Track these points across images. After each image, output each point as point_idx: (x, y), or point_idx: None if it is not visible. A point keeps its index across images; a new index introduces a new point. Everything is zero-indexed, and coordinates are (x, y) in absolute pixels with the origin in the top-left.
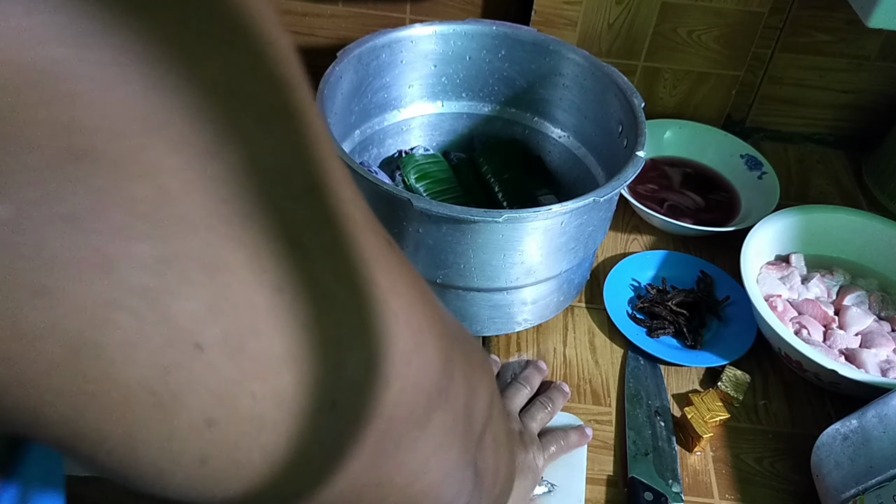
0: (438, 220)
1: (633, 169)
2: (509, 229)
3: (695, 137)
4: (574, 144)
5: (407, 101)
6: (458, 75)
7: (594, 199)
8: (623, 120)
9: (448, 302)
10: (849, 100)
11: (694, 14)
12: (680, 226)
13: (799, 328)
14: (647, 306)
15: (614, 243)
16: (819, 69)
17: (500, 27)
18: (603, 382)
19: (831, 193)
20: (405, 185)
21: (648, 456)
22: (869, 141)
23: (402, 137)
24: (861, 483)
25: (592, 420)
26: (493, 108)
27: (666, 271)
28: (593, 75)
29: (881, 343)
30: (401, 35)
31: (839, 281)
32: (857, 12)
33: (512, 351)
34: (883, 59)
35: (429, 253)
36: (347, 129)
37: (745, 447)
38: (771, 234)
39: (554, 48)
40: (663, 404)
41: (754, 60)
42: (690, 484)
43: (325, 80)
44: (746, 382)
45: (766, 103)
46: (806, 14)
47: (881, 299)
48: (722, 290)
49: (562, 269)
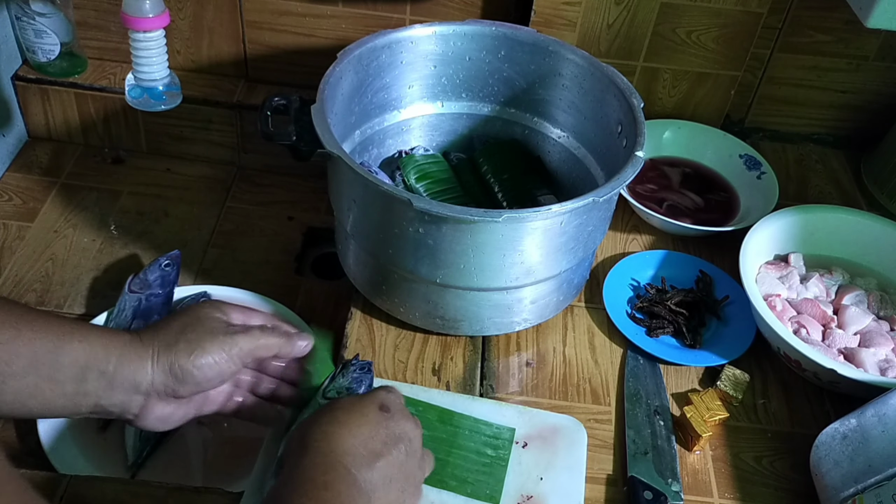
0: (438, 220)
1: (633, 169)
2: (509, 229)
3: (694, 137)
4: (573, 145)
5: (407, 102)
6: (457, 76)
7: (593, 199)
8: (622, 120)
9: (448, 302)
10: (847, 100)
11: (693, 14)
12: (679, 226)
13: (798, 327)
14: (646, 306)
15: (614, 243)
16: (818, 69)
17: (500, 28)
18: (602, 382)
19: (830, 193)
20: (405, 185)
21: (648, 455)
22: (868, 141)
23: (402, 138)
24: (860, 482)
25: (592, 419)
26: (492, 109)
27: (665, 271)
28: (593, 76)
29: (880, 342)
30: (401, 36)
31: (838, 280)
32: (856, 13)
33: (512, 350)
34: (882, 59)
35: (429, 253)
36: (347, 130)
37: (745, 446)
38: (770, 234)
39: (553, 49)
40: (663, 403)
41: (753, 60)
42: (690, 483)
43: (326, 81)
44: (745, 382)
45: (764, 103)
46: (805, 14)
47: (880, 299)
48: (721, 290)
49: (561, 268)
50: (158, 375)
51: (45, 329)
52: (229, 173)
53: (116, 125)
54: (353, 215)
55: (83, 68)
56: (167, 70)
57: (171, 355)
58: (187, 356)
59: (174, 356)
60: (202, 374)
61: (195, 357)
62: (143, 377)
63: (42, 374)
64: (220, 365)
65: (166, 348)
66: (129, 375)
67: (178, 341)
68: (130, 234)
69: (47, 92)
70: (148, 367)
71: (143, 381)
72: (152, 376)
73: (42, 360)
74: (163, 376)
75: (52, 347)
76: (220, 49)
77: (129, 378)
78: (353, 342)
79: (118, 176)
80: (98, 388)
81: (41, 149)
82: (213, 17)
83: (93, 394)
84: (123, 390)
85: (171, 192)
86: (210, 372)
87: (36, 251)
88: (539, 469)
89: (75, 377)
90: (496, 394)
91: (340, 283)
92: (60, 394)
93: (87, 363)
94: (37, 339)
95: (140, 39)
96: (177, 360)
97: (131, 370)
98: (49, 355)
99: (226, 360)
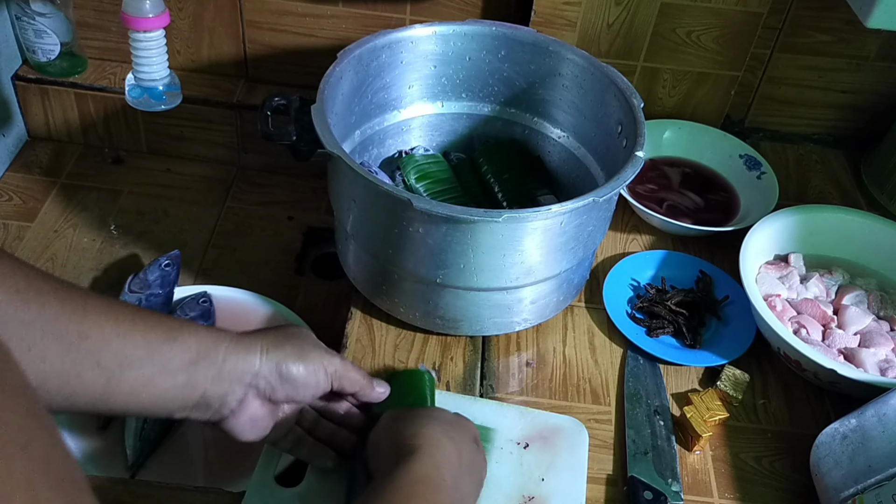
0: (438, 220)
1: (633, 169)
2: (509, 229)
3: (694, 137)
4: (573, 145)
5: (407, 102)
6: (457, 76)
7: (593, 199)
8: (622, 120)
9: (448, 302)
10: (847, 100)
11: (693, 14)
12: (679, 226)
13: (798, 328)
14: (646, 306)
15: (614, 243)
16: (818, 69)
17: (500, 28)
18: (602, 382)
19: (830, 193)
20: (405, 185)
21: (648, 455)
22: (868, 141)
23: (402, 138)
24: (860, 482)
25: (592, 419)
26: (492, 109)
27: (665, 271)
28: (593, 76)
29: (880, 342)
30: (401, 36)
31: (838, 280)
32: (856, 13)
33: (512, 350)
34: (882, 59)
35: (429, 253)
36: (347, 130)
37: (745, 446)
38: (770, 234)
39: (553, 49)
40: (663, 403)
41: (753, 61)
42: (690, 483)
43: (326, 81)
44: (745, 382)
45: (764, 103)
46: (805, 14)
47: (880, 299)
48: (721, 290)
49: (561, 268)
50: (265, 368)
51: (158, 323)
52: (229, 173)
53: (116, 125)
54: (353, 215)
55: (83, 68)
56: (167, 70)
57: (280, 354)
58: (294, 358)
59: (283, 355)
60: (303, 380)
61: (301, 361)
62: (251, 367)
63: (157, 364)
64: (318, 376)
65: (275, 347)
66: (238, 365)
67: (285, 344)
68: (130, 234)
69: (47, 92)
70: (256, 359)
71: (250, 372)
72: (259, 368)
73: (157, 351)
74: (268, 371)
75: (167, 339)
76: (220, 49)
77: (238, 367)
78: (353, 342)
79: (118, 176)
80: (207, 377)
81: (41, 149)
82: (213, 17)
83: (202, 384)
84: (230, 380)
85: (171, 192)
86: (311, 379)
87: (36, 251)
88: (541, 470)
89: (187, 367)
90: (496, 394)
91: (340, 283)
92: (172, 385)
93: (198, 353)
94: (151, 332)
95: (140, 39)
96: (285, 360)
97: (240, 359)
98: (164, 346)
99: (324, 375)
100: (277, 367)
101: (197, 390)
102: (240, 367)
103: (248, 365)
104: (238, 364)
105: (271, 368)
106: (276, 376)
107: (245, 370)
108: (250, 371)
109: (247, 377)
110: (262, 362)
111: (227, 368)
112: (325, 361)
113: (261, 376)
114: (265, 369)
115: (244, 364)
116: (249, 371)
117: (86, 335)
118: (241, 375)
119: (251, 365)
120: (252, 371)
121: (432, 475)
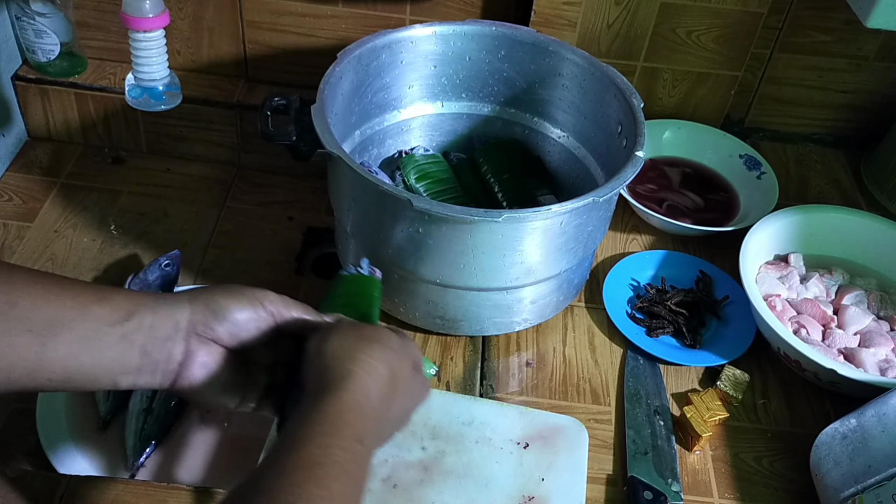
0: (438, 220)
1: (633, 169)
2: (509, 229)
3: (694, 137)
4: (573, 145)
5: (407, 102)
6: (457, 76)
7: (593, 199)
8: (622, 120)
9: (448, 302)
10: (847, 100)
11: (693, 14)
12: (679, 226)
13: (798, 328)
14: (646, 306)
15: (614, 243)
16: (818, 69)
17: (500, 28)
18: (602, 382)
19: (830, 193)
20: (405, 185)
21: (648, 455)
22: (868, 141)
23: (402, 138)
24: (860, 482)
25: (592, 419)
26: (492, 109)
27: (665, 271)
28: (592, 76)
29: (880, 342)
30: (401, 36)
31: (838, 280)
32: (856, 13)
33: (512, 350)
34: (882, 59)
35: (429, 253)
36: (347, 130)
37: (745, 446)
38: (770, 234)
39: (553, 49)
40: (662, 403)
41: (753, 61)
42: (690, 483)
43: (326, 81)
44: (745, 382)
45: (764, 103)
46: (805, 14)
47: (880, 299)
48: (721, 290)
49: (561, 268)
50: (197, 308)
51: (87, 287)
52: (229, 173)
53: (116, 125)
54: (353, 215)
55: (83, 68)
56: (167, 70)
57: (208, 293)
58: (223, 294)
59: (210, 294)
60: (238, 313)
61: (231, 295)
62: (182, 312)
63: (89, 322)
64: (255, 307)
65: (203, 292)
66: (169, 311)
67: (213, 288)
68: (130, 234)
69: (47, 92)
70: (185, 304)
71: (183, 317)
72: (191, 311)
73: (88, 310)
74: (201, 310)
75: (97, 299)
76: (220, 49)
77: (170, 314)
78: None
79: (118, 176)
80: (142, 328)
81: (41, 149)
82: (213, 17)
83: (138, 340)
84: (164, 328)
85: (171, 192)
86: (246, 312)
87: (36, 251)
88: (541, 470)
89: (122, 322)
90: (496, 394)
91: None
92: (108, 343)
93: (128, 310)
94: (81, 295)
95: (140, 39)
96: (213, 297)
97: (170, 306)
98: (94, 305)
99: (259, 306)
100: (208, 306)
101: (134, 345)
102: (171, 313)
103: (178, 309)
104: (169, 311)
105: (203, 307)
106: (209, 314)
107: (177, 316)
108: (183, 316)
109: (182, 322)
110: (193, 305)
111: (160, 316)
112: (258, 294)
113: (196, 319)
114: (197, 309)
115: (174, 310)
116: (182, 316)
117: (14, 303)
118: (175, 322)
119: (182, 309)
120: (184, 315)
121: (361, 402)
